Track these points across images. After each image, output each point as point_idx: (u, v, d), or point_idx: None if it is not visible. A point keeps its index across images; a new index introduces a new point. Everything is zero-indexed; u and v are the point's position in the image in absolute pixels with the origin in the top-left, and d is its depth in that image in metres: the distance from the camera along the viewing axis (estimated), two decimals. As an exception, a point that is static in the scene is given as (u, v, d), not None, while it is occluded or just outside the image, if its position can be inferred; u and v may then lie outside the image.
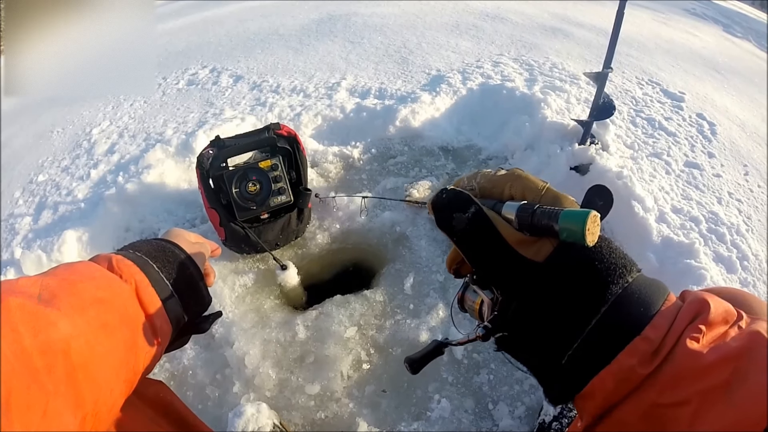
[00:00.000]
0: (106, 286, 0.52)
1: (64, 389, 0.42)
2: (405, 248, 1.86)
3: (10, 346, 0.39)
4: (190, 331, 0.66)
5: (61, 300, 0.47)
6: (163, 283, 0.58)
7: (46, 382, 0.41)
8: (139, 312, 0.54)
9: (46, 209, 2.23)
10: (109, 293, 0.51)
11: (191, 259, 0.65)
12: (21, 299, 0.43)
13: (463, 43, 3.58)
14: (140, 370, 0.54)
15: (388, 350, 1.55)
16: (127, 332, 0.51)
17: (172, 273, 0.60)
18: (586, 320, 0.40)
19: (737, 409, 0.32)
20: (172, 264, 0.61)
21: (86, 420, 0.45)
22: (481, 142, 2.41)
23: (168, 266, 0.61)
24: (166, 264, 0.61)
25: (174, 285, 0.60)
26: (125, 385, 0.52)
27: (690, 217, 1.88)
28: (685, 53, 3.85)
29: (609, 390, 0.39)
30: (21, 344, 0.40)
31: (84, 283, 0.50)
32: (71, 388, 0.43)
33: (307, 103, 2.75)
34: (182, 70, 3.66)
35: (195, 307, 0.64)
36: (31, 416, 0.39)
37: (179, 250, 0.64)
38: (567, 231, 0.40)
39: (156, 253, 0.61)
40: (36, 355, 0.41)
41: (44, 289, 0.47)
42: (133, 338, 0.52)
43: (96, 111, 3.22)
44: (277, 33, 4.12)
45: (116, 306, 0.51)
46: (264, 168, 1.72)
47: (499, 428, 1.36)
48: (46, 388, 0.40)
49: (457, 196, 0.47)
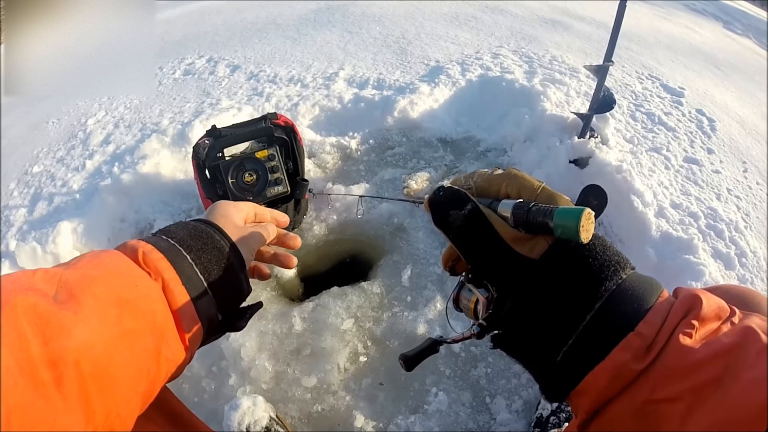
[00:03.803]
0: (132, 285, 0.46)
1: (75, 404, 0.38)
2: (402, 240, 1.85)
3: (15, 355, 0.35)
4: (225, 329, 0.59)
5: (79, 300, 0.41)
6: (197, 279, 0.52)
7: (54, 397, 0.36)
8: (166, 315, 0.48)
9: (41, 200, 2.21)
10: (134, 294, 0.46)
11: (235, 248, 0.57)
12: (34, 298, 0.39)
13: (463, 34, 3.56)
14: (163, 379, 0.50)
15: (385, 343, 1.54)
16: (150, 340, 0.46)
17: (209, 265, 0.54)
18: (580, 317, 0.40)
19: (728, 405, 0.32)
20: (210, 254, 0.54)
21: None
22: (479, 134, 2.39)
23: (204, 257, 0.54)
24: (202, 254, 0.54)
25: (209, 280, 0.53)
26: (143, 398, 0.47)
27: (689, 212, 1.87)
28: (685, 49, 3.84)
29: (602, 386, 0.39)
30: (28, 353, 0.36)
31: (107, 281, 0.45)
32: (82, 402, 0.38)
33: (304, 93, 2.73)
34: (179, 59, 3.63)
35: (231, 302, 0.58)
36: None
37: (220, 236, 0.57)
38: (562, 228, 0.41)
39: (191, 241, 0.54)
40: (44, 366, 0.36)
41: (62, 287, 0.42)
42: (156, 346, 0.47)
43: (91, 101, 3.19)
44: (275, 23, 4.08)
45: (141, 309, 0.46)
46: (261, 158, 1.71)
47: (496, 422, 1.36)
48: (54, 405, 0.36)
49: (453, 193, 0.48)
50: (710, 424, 0.32)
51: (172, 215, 2.01)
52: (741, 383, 0.33)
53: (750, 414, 0.31)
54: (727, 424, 0.32)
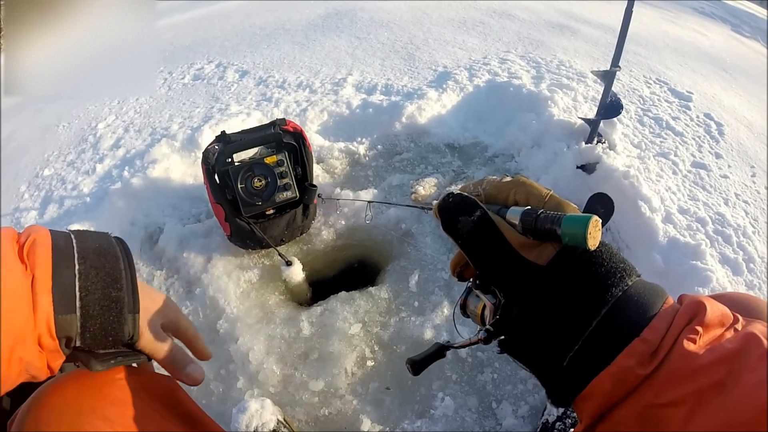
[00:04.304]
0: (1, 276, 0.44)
1: None
2: (410, 245, 1.86)
3: None
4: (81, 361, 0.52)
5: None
6: (70, 292, 0.48)
7: None
8: (26, 316, 0.45)
9: (52, 203, 2.24)
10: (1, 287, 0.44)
11: (134, 290, 0.53)
12: None
13: (470, 39, 3.57)
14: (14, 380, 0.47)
15: (392, 347, 1.55)
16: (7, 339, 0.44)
17: (95, 286, 0.50)
18: (586, 322, 0.41)
19: (730, 408, 0.33)
20: (102, 277, 0.50)
21: None
22: (487, 140, 2.40)
23: (94, 274, 0.50)
24: (94, 271, 0.50)
25: (85, 300, 0.49)
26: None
27: (696, 218, 1.87)
28: (693, 52, 3.83)
29: (607, 391, 0.39)
30: None
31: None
32: None
33: (313, 99, 2.74)
34: (188, 64, 3.66)
35: (103, 338, 0.51)
36: None
37: (125, 267, 0.53)
38: (569, 235, 0.42)
39: (92, 255, 0.51)
40: None
41: None
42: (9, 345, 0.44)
43: (102, 105, 3.22)
44: (283, 28, 4.11)
45: (4, 305, 0.44)
46: (270, 163, 1.72)
47: (502, 427, 1.36)
48: None
49: (463, 200, 0.48)
50: (712, 428, 0.33)
51: (181, 219, 2.03)
52: (743, 387, 0.33)
53: (751, 417, 0.31)
54: (728, 427, 0.32)
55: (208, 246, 1.88)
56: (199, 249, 1.87)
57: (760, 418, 0.31)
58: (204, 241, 1.90)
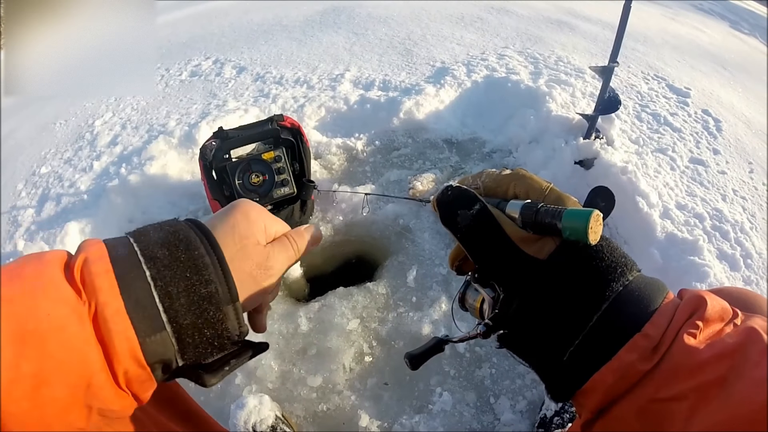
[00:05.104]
0: (44, 314, 0.34)
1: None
2: (408, 241, 1.86)
3: None
4: (189, 378, 0.43)
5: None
6: (151, 306, 0.37)
7: None
8: (92, 357, 0.35)
9: (49, 201, 2.23)
10: (44, 325, 0.33)
11: (223, 269, 0.41)
12: None
13: (468, 35, 3.56)
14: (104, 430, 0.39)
15: (390, 343, 1.55)
16: (62, 390, 0.34)
17: (176, 287, 0.39)
18: (587, 317, 0.40)
19: (732, 404, 0.32)
20: (181, 271, 0.39)
21: None
22: (485, 135, 2.40)
23: (171, 274, 0.39)
24: (170, 271, 0.39)
25: (171, 309, 0.38)
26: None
27: (694, 213, 1.87)
28: (691, 49, 3.83)
29: (608, 386, 0.39)
30: None
31: (12, 304, 0.33)
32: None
33: (310, 95, 2.74)
34: (185, 61, 3.65)
35: (203, 347, 0.40)
36: None
37: (207, 248, 0.42)
38: (570, 229, 0.41)
39: (159, 250, 0.40)
40: None
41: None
42: (74, 396, 0.35)
43: (99, 102, 3.21)
44: (281, 24, 4.10)
45: (50, 349, 0.33)
46: (267, 160, 1.72)
47: (500, 422, 1.37)
48: None
49: (462, 193, 0.47)
50: (714, 423, 0.33)
51: (179, 216, 2.01)
52: (745, 383, 0.33)
53: (753, 413, 0.31)
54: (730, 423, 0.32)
55: (205, 242, 1.87)
56: (196, 245, 1.86)
57: (761, 414, 0.31)
58: (202, 238, 1.89)
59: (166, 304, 0.38)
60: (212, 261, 0.41)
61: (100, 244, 0.40)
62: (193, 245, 0.41)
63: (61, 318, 0.34)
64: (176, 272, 0.39)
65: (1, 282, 0.34)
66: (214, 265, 0.41)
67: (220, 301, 0.40)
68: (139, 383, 0.38)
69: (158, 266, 0.39)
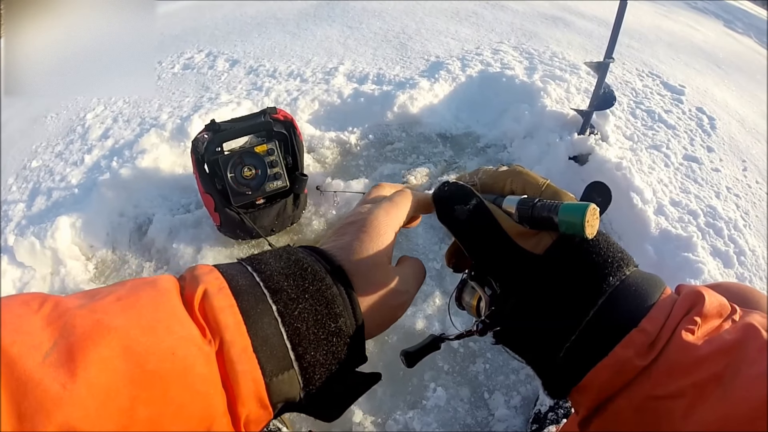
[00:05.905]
0: (168, 351, 0.30)
1: None
2: (401, 235, 1.85)
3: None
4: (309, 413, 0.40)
5: (77, 365, 0.27)
6: (279, 345, 0.34)
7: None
8: (216, 401, 0.32)
9: (40, 195, 2.20)
10: (166, 366, 0.30)
11: (354, 303, 0.39)
12: (18, 350, 0.26)
13: (463, 30, 3.55)
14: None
15: (383, 338, 1.54)
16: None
17: (304, 322, 0.36)
18: (583, 312, 0.40)
19: (731, 401, 0.32)
20: (313, 305, 0.36)
21: None
22: (479, 130, 2.39)
23: (299, 308, 0.36)
24: (297, 304, 0.36)
25: (299, 346, 0.35)
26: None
27: (688, 210, 1.87)
28: (686, 47, 3.83)
29: (605, 382, 0.38)
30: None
31: (128, 339, 0.30)
32: None
33: (304, 88, 2.72)
34: (178, 54, 3.61)
35: (326, 384, 0.37)
36: None
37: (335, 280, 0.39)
38: (566, 223, 0.41)
39: (284, 281, 0.37)
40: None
41: (63, 337, 0.28)
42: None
43: (90, 96, 3.17)
44: (275, 17, 4.07)
45: (171, 393, 0.30)
46: (260, 153, 1.70)
47: (494, 417, 1.36)
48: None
49: (458, 189, 0.47)
50: (712, 420, 0.32)
51: (170, 209, 2.01)
52: (743, 379, 0.33)
53: (752, 410, 0.31)
54: (728, 419, 0.32)
55: (197, 236, 1.86)
56: (188, 239, 1.85)
57: (760, 411, 0.30)
58: (194, 232, 1.87)
59: (294, 341, 0.35)
60: (340, 292, 0.38)
61: (216, 272, 0.36)
62: (318, 276, 0.38)
63: (188, 358, 0.31)
64: (304, 306, 0.36)
65: (113, 312, 0.30)
66: (342, 297, 0.38)
67: (349, 336, 0.38)
68: (258, 424, 0.35)
69: (284, 300, 0.36)
